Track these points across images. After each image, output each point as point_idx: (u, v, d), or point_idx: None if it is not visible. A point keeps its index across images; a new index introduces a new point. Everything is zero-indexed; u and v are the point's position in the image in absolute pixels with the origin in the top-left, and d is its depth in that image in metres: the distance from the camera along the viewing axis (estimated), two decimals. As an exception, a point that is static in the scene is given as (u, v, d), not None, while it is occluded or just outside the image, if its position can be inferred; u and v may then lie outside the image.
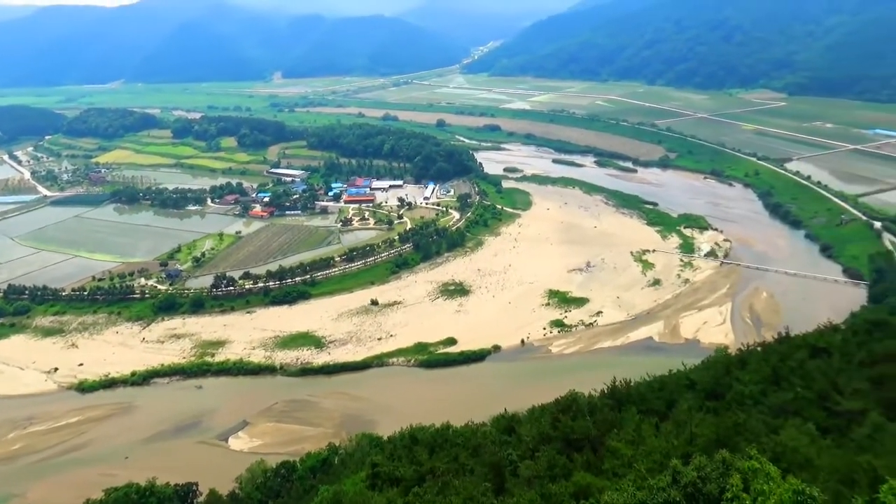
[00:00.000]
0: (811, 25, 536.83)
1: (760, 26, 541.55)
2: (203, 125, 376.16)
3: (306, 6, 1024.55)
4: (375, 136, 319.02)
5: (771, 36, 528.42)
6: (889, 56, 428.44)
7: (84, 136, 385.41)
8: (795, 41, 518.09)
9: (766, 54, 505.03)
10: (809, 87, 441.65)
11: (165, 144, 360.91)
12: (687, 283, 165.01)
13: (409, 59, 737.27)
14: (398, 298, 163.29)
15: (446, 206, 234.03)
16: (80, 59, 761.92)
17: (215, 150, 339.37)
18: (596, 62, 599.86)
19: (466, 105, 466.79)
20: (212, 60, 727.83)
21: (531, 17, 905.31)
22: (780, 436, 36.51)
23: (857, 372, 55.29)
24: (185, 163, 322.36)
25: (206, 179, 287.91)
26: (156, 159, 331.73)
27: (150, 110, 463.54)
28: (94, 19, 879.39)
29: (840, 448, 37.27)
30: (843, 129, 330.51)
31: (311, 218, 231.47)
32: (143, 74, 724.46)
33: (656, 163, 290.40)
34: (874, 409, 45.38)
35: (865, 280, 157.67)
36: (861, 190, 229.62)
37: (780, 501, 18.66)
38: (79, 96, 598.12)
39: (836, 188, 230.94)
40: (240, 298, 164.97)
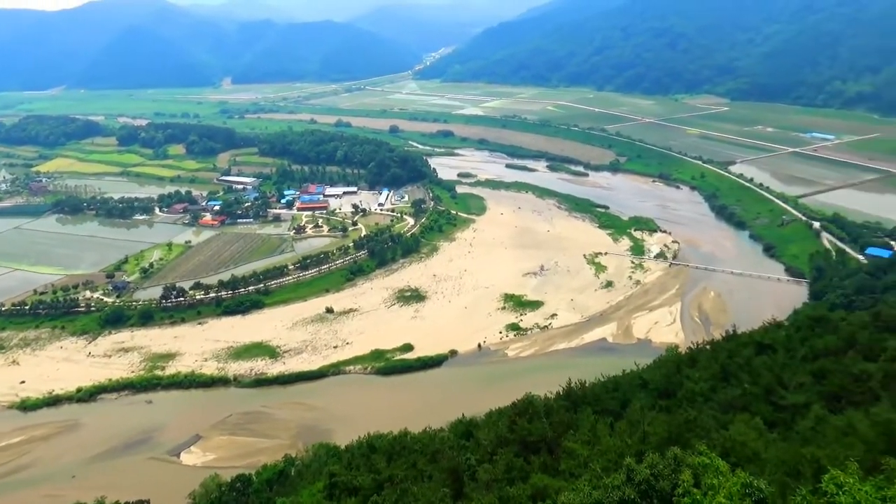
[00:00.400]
0: (751, 33, 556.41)
1: (703, 34, 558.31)
2: (150, 132, 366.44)
3: (256, 11, 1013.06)
4: (328, 143, 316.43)
5: (713, 43, 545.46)
6: (822, 63, 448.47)
7: (23, 145, 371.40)
8: (736, 48, 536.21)
9: (709, 61, 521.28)
10: (750, 93, 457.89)
11: (110, 152, 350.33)
12: (638, 284, 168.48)
13: (361, 65, 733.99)
14: (354, 306, 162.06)
15: (401, 212, 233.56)
16: (18, 65, 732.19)
17: (163, 158, 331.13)
18: (546, 68, 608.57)
19: (419, 111, 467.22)
20: (158, 66, 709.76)
21: (482, 23, 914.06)
22: (730, 431, 37.56)
23: (800, 367, 57.33)
24: (132, 171, 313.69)
25: (154, 188, 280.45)
26: (100, 168, 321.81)
27: (93, 117, 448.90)
28: (32, 23, 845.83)
29: (786, 441, 38.51)
30: (782, 132, 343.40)
31: (263, 226, 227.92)
32: (86, 80, 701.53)
33: (607, 167, 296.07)
34: (817, 401, 47.14)
35: (806, 278, 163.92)
36: (800, 191, 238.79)
37: (729, 495, 19.15)
38: (17, 103, 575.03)
39: (777, 190, 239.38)
40: (190, 309, 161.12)
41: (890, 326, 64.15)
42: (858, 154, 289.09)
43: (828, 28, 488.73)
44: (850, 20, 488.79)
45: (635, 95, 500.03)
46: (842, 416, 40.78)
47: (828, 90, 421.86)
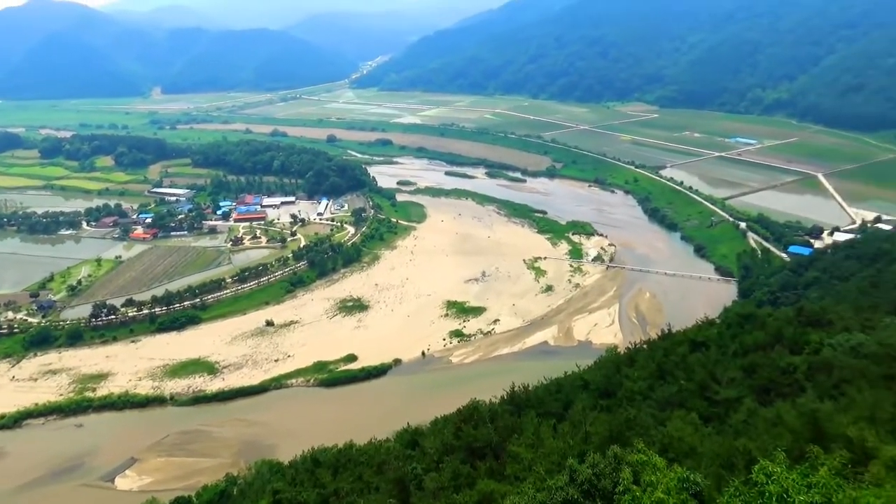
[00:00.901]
0: (677, 42, 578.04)
1: (633, 43, 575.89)
2: (75, 144, 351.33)
3: (186, 19, 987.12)
4: (265, 153, 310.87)
5: (643, 52, 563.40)
6: (743, 71, 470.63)
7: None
8: (664, 57, 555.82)
9: (639, 69, 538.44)
10: (678, 100, 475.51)
11: (33, 165, 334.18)
12: (577, 287, 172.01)
13: (296, 74, 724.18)
14: (295, 318, 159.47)
15: (341, 222, 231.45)
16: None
17: (90, 171, 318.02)
18: (483, 76, 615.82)
19: (357, 120, 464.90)
20: (83, 75, 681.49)
21: (417, 32, 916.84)
22: (667, 427, 38.69)
23: (731, 362, 59.51)
24: (56, 184, 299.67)
25: (81, 201, 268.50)
26: (22, 181, 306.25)
27: (12, 129, 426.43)
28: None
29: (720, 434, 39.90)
30: (709, 138, 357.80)
31: (198, 238, 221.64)
32: (4, 91, 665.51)
33: (544, 173, 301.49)
34: (748, 395, 49.06)
35: (735, 277, 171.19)
36: (727, 193, 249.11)
37: (667, 490, 19.77)
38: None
39: (705, 192, 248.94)
40: (123, 327, 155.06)
41: (812, 321, 67.48)
42: (779, 157, 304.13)
43: (747, 37, 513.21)
44: (768, 30, 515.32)
45: (569, 103, 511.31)
46: (771, 409, 42.53)
47: (749, 97, 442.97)
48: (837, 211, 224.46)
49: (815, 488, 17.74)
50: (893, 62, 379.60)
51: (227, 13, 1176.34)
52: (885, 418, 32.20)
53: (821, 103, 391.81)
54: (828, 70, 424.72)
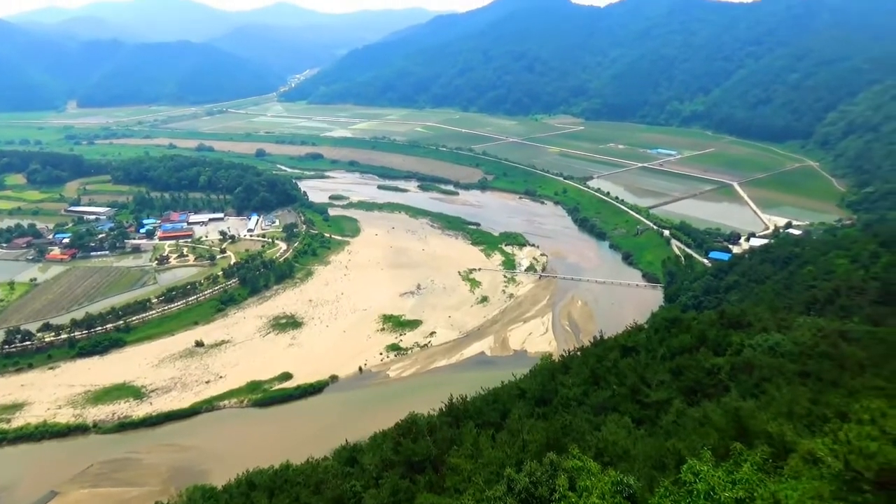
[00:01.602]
0: (599, 57, 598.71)
1: (558, 57, 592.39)
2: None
3: (101, 31, 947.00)
4: (190, 168, 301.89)
5: (567, 66, 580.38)
6: (662, 84, 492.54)
7: None
8: (588, 71, 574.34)
9: (564, 83, 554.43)
10: (602, 112, 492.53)
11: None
12: (511, 297, 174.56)
13: (222, 87, 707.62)
14: (226, 337, 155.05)
15: (272, 238, 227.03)
16: None
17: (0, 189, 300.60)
18: (413, 90, 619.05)
19: (286, 134, 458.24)
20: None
21: (346, 45, 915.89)
22: (602, 432, 39.81)
23: (660, 365, 61.68)
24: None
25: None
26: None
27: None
28: None
29: (652, 436, 41.31)
30: (632, 149, 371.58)
31: (121, 258, 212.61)
32: None
33: (476, 185, 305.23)
34: (677, 396, 50.98)
35: (661, 283, 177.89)
36: (651, 203, 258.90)
37: (602, 494, 20.42)
38: None
39: (630, 202, 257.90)
40: (39, 353, 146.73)
41: (733, 323, 70.93)
42: (697, 167, 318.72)
43: (664, 53, 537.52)
44: (682, 45, 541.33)
45: (499, 116, 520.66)
46: (698, 409, 44.33)
47: (668, 109, 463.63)
48: (752, 217, 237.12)
49: (739, 484, 18.72)
50: (796, 77, 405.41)
51: (146, 26, 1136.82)
52: (801, 413, 34.20)
53: (733, 115, 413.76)
54: (738, 84, 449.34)
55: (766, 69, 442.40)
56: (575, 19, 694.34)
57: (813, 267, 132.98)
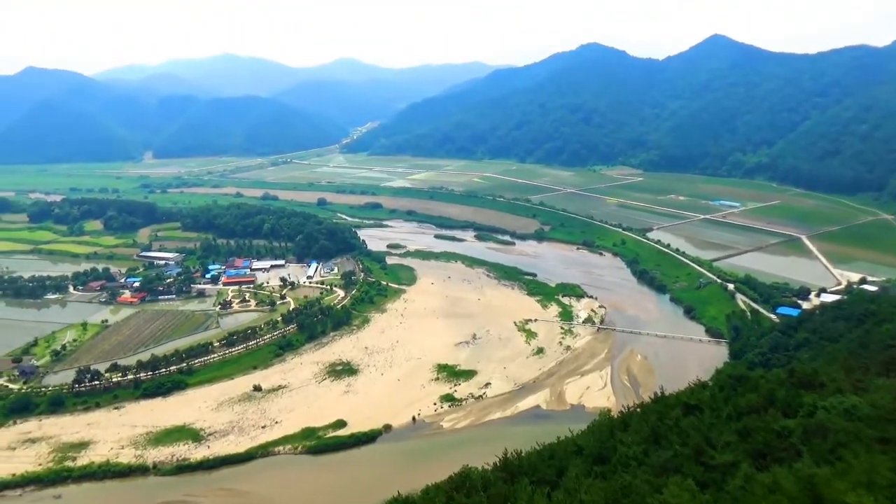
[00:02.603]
0: (658, 109, 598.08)
1: (615, 109, 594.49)
2: (64, 208, 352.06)
3: (177, 87, 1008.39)
4: (255, 216, 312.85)
5: (624, 118, 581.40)
6: (723, 136, 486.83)
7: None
8: (646, 123, 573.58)
9: (622, 134, 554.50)
10: (661, 164, 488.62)
11: (21, 229, 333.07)
12: (568, 350, 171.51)
13: (287, 139, 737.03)
14: (283, 382, 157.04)
15: (331, 285, 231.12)
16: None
17: (79, 235, 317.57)
18: (470, 141, 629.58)
19: (347, 184, 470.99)
20: (74, 140, 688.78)
21: (406, 99, 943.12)
22: (664, 494, 38.26)
23: (726, 426, 59.14)
24: (44, 248, 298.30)
25: (68, 265, 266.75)
26: (9, 245, 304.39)
27: (1, 193, 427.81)
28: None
29: (718, 501, 39.47)
30: (693, 200, 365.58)
31: (186, 302, 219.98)
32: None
33: (532, 235, 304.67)
34: (744, 460, 48.63)
35: (725, 338, 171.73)
36: (714, 255, 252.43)
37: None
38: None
39: (692, 254, 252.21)
40: (106, 393, 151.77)
41: (804, 382, 67.59)
42: (762, 220, 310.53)
43: (725, 105, 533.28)
44: (745, 97, 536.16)
45: (556, 167, 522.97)
46: (768, 474, 42.18)
47: (730, 161, 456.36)
48: (823, 272, 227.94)
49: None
50: (865, 128, 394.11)
51: (218, 81, 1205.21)
52: (882, 484, 32.15)
53: (800, 167, 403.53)
54: (804, 135, 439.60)
55: (832, 120, 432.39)
56: (632, 72, 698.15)
57: (891, 325, 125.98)
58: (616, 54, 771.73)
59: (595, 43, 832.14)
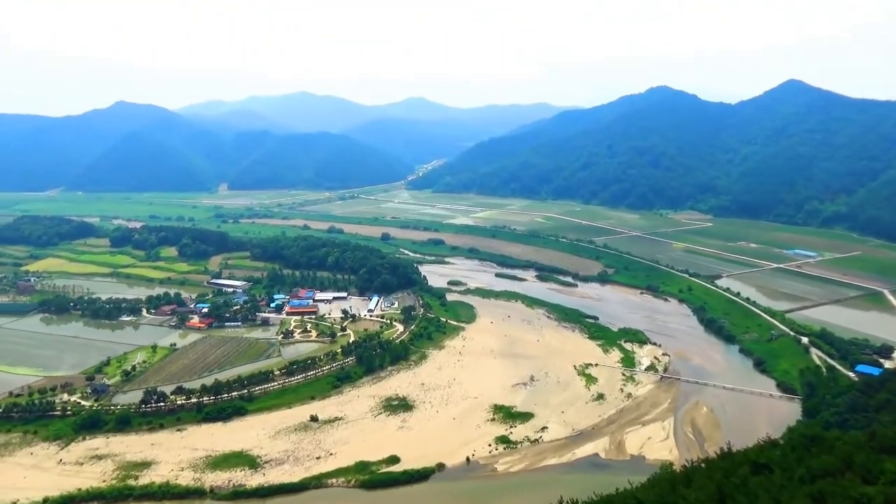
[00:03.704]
0: (730, 154, 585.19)
1: (684, 153, 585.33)
2: (143, 234, 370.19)
3: (254, 122, 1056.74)
4: (320, 248, 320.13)
5: (694, 162, 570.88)
6: (799, 183, 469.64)
7: (15, 244, 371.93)
8: (716, 167, 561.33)
9: (691, 179, 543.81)
10: (731, 210, 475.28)
11: (103, 253, 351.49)
12: (630, 397, 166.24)
13: (354, 174, 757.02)
14: (339, 414, 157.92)
15: (390, 319, 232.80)
16: (18, 166, 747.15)
17: (154, 260, 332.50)
18: (535, 181, 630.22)
19: (411, 219, 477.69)
20: (156, 171, 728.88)
21: (472, 138, 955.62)
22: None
23: (798, 489, 55.91)
24: (122, 272, 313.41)
25: (143, 289, 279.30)
26: (91, 268, 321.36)
27: (88, 219, 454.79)
28: (35, 127, 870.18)
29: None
30: (765, 248, 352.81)
31: (251, 329, 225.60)
32: (84, 183, 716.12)
33: (595, 278, 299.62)
34: (818, 526, 45.69)
35: (798, 395, 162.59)
36: (787, 306, 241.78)
37: None
38: (13, 203, 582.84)
39: (763, 304, 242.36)
40: (170, 415, 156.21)
41: (886, 447, 63.23)
42: (840, 271, 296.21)
43: (801, 151, 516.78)
44: (822, 144, 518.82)
45: (621, 209, 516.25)
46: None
47: (806, 209, 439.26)
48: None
49: None
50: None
51: (292, 117, 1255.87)
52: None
53: (881, 217, 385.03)
54: (886, 184, 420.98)
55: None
56: (703, 115, 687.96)
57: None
58: (686, 98, 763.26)
59: (664, 86, 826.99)
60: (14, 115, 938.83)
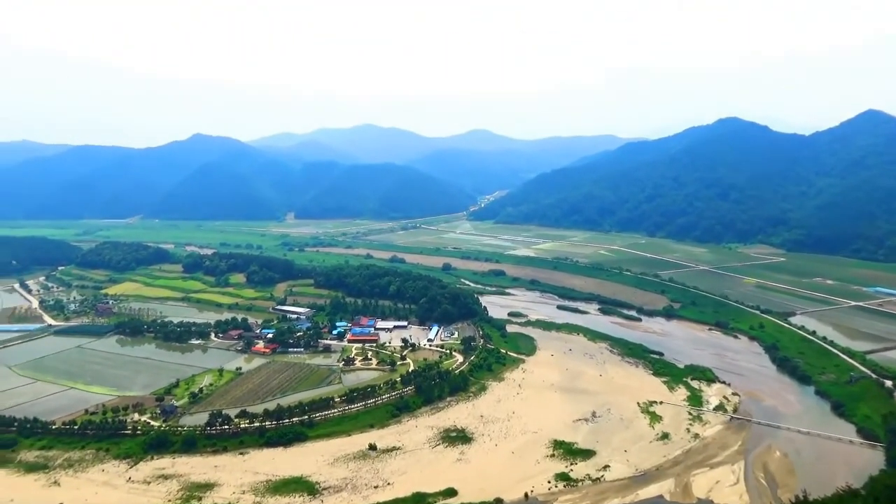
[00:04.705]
0: (803, 186, 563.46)
1: (754, 185, 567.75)
2: (214, 261, 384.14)
3: (322, 154, 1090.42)
4: (382, 277, 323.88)
5: (765, 194, 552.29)
6: (880, 217, 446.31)
7: (96, 268, 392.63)
8: (789, 200, 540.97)
9: (762, 212, 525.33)
10: (806, 244, 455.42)
11: (176, 278, 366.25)
12: (697, 437, 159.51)
13: (417, 205, 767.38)
14: (397, 444, 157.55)
15: (450, 349, 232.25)
16: (102, 195, 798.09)
17: (224, 286, 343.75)
18: (598, 213, 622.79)
19: (472, 250, 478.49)
20: (228, 200, 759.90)
21: (535, 170, 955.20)
22: None
23: (884, 543, 52.08)
24: (193, 297, 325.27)
25: (212, 314, 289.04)
26: (164, 292, 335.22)
27: (164, 245, 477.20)
28: (119, 158, 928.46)
29: None
30: (843, 285, 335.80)
31: (313, 356, 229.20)
32: (161, 211, 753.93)
33: (660, 312, 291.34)
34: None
35: (882, 442, 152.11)
36: (868, 347, 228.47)
37: None
38: (96, 230, 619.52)
39: (842, 344, 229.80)
40: (234, 438, 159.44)
41: (984, 502, 58.36)
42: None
43: (882, 183, 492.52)
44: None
45: (687, 243, 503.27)
46: None
47: (888, 245, 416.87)
48: None
49: None
50: None
51: (358, 149, 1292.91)
52: None
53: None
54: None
55: None
56: (774, 147, 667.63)
57: None
58: (757, 129, 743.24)
59: (734, 117, 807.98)
60: (104, 147, 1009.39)
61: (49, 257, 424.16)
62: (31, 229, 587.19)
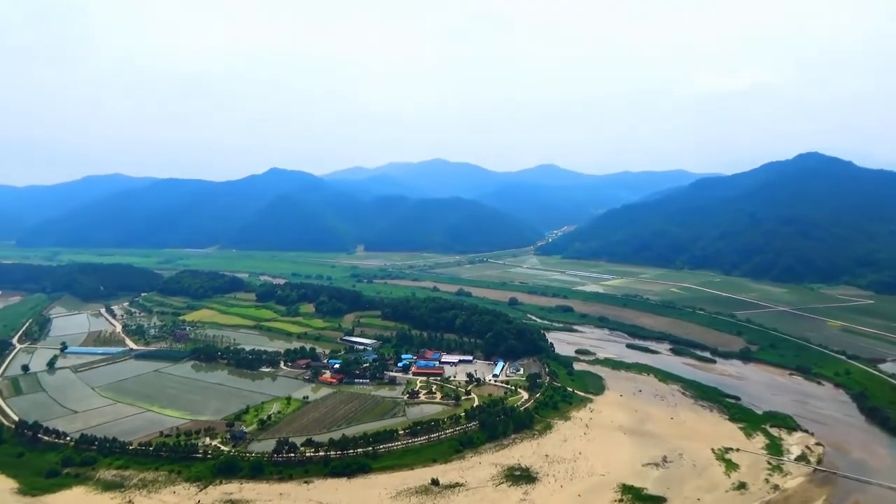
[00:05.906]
0: (892, 225, 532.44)
1: (838, 223, 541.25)
2: (285, 291, 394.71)
3: (391, 188, 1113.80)
4: (448, 310, 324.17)
5: (850, 233, 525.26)
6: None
7: (176, 295, 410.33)
8: (877, 239, 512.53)
9: (847, 251, 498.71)
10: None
11: (249, 307, 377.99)
12: (776, 489, 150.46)
13: (484, 239, 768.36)
14: (460, 480, 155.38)
15: (515, 385, 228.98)
16: (184, 225, 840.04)
17: (294, 315, 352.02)
18: (669, 250, 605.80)
19: (539, 285, 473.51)
20: (300, 231, 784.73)
21: (603, 205, 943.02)
22: None
23: None
24: (265, 325, 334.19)
25: (282, 342, 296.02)
26: (237, 320, 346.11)
27: (239, 274, 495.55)
28: (200, 191, 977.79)
29: None
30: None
31: (378, 388, 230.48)
32: (238, 241, 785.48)
33: (736, 354, 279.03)
34: None
35: None
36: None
37: None
38: (177, 258, 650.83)
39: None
40: (299, 466, 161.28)
41: None
42: None
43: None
44: None
45: (765, 282, 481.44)
46: None
47: None
48: None
49: None
50: None
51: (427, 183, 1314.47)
52: None
53: None
54: None
55: None
56: (860, 183, 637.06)
57: None
58: (840, 164, 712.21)
59: (815, 152, 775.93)
60: (185, 180, 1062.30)
61: (133, 284, 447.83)
62: (118, 257, 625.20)
